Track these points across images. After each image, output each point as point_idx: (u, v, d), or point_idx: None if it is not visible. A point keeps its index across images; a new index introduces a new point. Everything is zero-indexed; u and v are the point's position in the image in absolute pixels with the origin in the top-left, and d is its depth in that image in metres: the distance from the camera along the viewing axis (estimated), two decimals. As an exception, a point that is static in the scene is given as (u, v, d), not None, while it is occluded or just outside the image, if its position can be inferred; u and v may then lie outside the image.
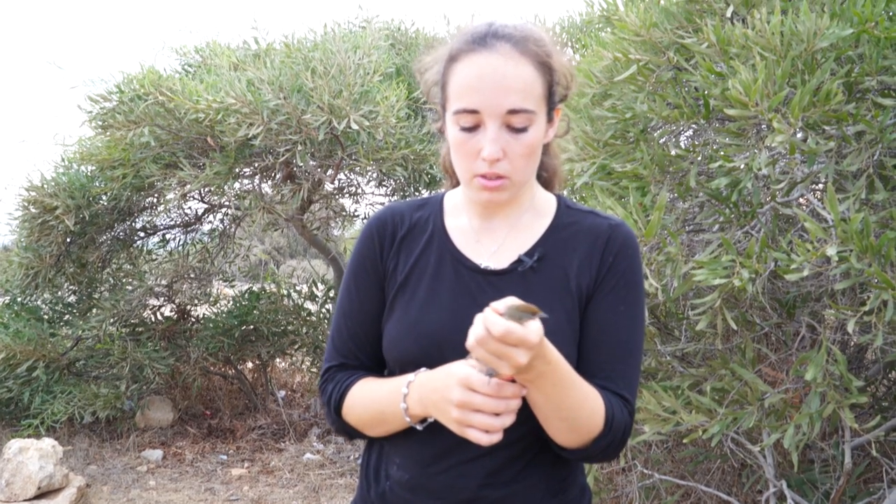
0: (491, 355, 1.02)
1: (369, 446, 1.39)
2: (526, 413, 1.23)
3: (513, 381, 1.09)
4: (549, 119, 1.26)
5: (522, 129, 1.18)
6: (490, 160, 1.17)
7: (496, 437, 1.08)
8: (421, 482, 1.27)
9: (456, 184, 1.42)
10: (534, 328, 1.01)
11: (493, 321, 1.00)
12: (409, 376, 1.20)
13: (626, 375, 1.25)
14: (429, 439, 1.25)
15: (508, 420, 1.08)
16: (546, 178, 1.38)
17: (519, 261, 1.27)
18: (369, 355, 1.33)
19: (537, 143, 1.21)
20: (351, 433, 1.34)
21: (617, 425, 1.21)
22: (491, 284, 1.26)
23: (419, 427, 1.22)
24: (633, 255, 1.28)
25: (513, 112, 1.17)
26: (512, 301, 1.02)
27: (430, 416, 1.18)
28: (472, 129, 1.19)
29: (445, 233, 1.33)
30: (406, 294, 1.29)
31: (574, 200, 1.39)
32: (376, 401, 1.25)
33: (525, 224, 1.32)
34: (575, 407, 1.16)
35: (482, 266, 1.28)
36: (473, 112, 1.18)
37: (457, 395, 1.07)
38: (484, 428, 1.07)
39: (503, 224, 1.32)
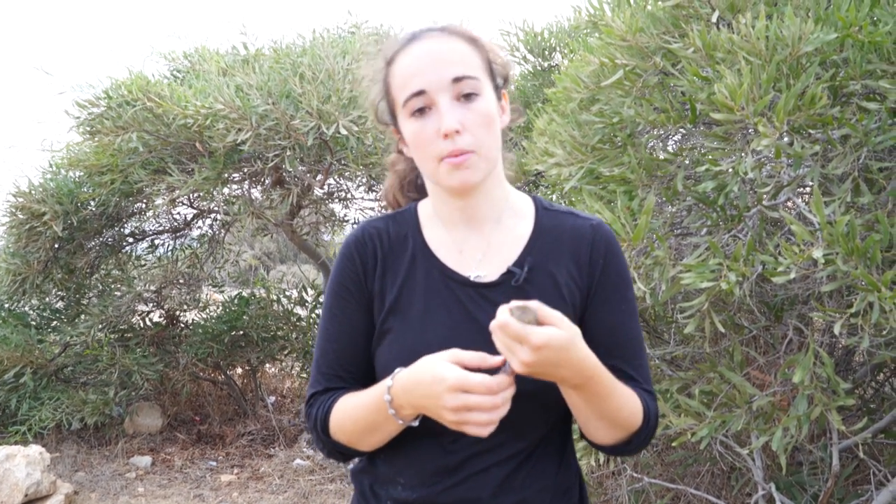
0: (502, 346, 1.05)
1: (361, 472, 1.36)
2: (531, 423, 1.25)
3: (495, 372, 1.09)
4: (498, 98, 1.26)
5: (472, 96, 1.19)
6: (449, 132, 1.16)
7: (493, 428, 1.08)
8: (430, 500, 1.25)
9: None
10: (539, 332, 1.03)
11: (499, 312, 1.04)
12: (387, 381, 1.17)
13: (643, 370, 1.28)
14: (436, 457, 1.24)
15: (504, 410, 1.08)
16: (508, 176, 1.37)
17: (509, 272, 1.26)
18: (357, 378, 1.29)
19: (492, 112, 1.21)
20: (344, 452, 1.29)
21: (652, 418, 1.25)
22: (483, 297, 1.25)
23: (415, 423, 1.19)
24: (619, 252, 1.30)
25: (458, 80, 1.18)
26: (528, 302, 1.05)
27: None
28: (425, 112, 1.19)
29: (427, 248, 1.30)
30: (398, 315, 1.26)
31: (549, 201, 1.37)
32: (365, 411, 1.22)
33: (506, 228, 1.30)
34: (617, 409, 1.19)
35: (472, 278, 1.27)
36: (420, 93, 1.18)
37: (451, 401, 1.07)
38: (481, 424, 1.07)
39: (483, 229, 1.30)
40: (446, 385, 1.07)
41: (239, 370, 6.83)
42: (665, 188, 2.46)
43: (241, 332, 6.15)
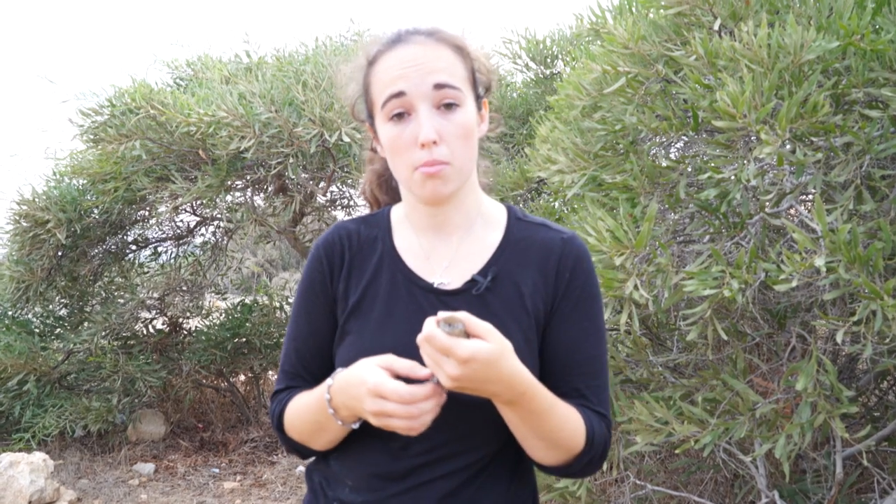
0: (429, 359, 1.04)
1: (314, 470, 1.37)
2: (484, 437, 1.23)
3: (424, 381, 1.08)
4: (478, 108, 1.25)
5: (453, 107, 1.17)
6: (427, 142, 1.15)
7: (422, 429, 1.08)
8: None
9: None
10: (465, 345, 1.01)
11: (426, 324, 1.03)
12: (328, 381, 1.18)
13: (600, 392, 1.24)
14: (384, 463, 1.23)
15: (425, 419, 1.07)
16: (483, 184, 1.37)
17: (473, 281, 1.25)
18: (318, 377, 1.28)
19: (471, 124, 1.20)
20: (300, 449, 1.31)
21: (598, 442, 1.21)
22: (444, 304, 1.23)
23: (355, 426, 1.20)
24: (588, 268, 1.27)
25: (439, 87, 1.16)
26: (456, 314, 1.03)
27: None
28: (403, 117, 1.18)
29: (395, 252, 1.30)
30: (359, 318, 1.26)
31: (525, 211, 1.35)
32: (310, 411, 1.23)
33: (476, 237, 1.29)
34: (555, 430, 1.16)
35: (435, 285, 1.26)
36: (400, 95, 1.17)
37: (369, 405, 1.07)
38: (403, 430, 1.07)
39: (452, 237, 1.29)
40: (366, 388, 1.07)
41: (242, 377, 6.83)
42: (667, 195, 2.46)
43: (244, 340, 6.15)
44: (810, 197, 2.52)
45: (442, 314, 1.03)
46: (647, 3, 2.72)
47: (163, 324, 6.36)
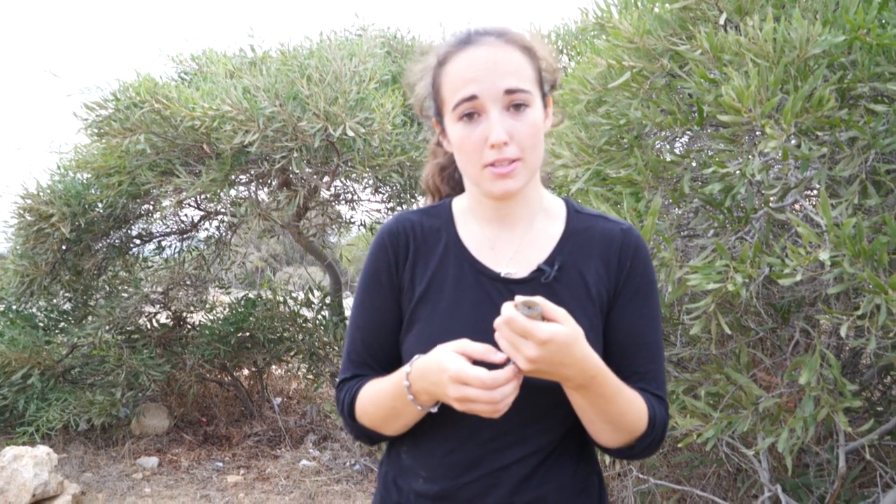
0: (507, 343, 1.06)
1: (386, 459, 1.39)
2: (550, 421, 1.27)
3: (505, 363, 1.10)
4: (544, 105, 1.28)
5: (522, 107, 1.20)
6: (498, 144, 1.18)
7: (503, 412, 1.10)
8: (451, 493, 1.28)
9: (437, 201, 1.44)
10: (544, 326, 1.04)
11: (504, 307, 1.05)
12: (406, 368, 1.20)
13: (658, 375, 1.29)
14: (457, 450, 1.27)
15: (507, 403, 1.09)
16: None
17: (539, 270, 1.28)
18: (385, 366, 1.32)
19: (539, 123, 1.22)
20: (370, 435, 1.33)
21: (659, 424, 1.26)
22: (512, 293, 1.26)
23: (434, 410, 1.22)
24: (646, 257, 1.32)
25: (510, 91, 1.19)
26: (533, 298, 1.06)
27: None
28: (473, 118, 1.20)
29: (460, 242, 1.32)
30: (427, 306, 1.29)
31: (580, 204, 1.39)
32: (386, 397, 1.25)
33: (538, 228, 1.32)
34: (621, 413, 1.19)
35: (502, 274, 1.29)
36: (472, 98, 1.19)
37: (451, 391, 1.09)
38: (486, 414, 1.09)
39: (516, 229, 1.32)
40: (447, 375, 1.09)
41: (245, 371, 6.84)
42: (672, 190, 2.46)
43: (248, 334, 6.16)
44: (815, 191, 2.52)
45: (519, 298, 1.06)
46: (652, -3, 2.71)
47: (166, 318, 6.37)
